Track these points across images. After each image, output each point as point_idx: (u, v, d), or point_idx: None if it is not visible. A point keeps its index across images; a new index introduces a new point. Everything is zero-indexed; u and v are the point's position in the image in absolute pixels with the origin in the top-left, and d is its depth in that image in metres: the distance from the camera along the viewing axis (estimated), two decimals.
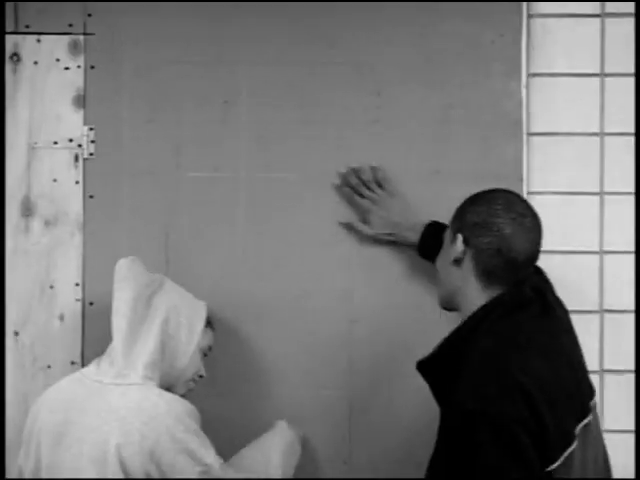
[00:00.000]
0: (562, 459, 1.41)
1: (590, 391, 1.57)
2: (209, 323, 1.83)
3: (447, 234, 1.65)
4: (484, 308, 1.52)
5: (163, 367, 1.68)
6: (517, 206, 1.55)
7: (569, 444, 1.43)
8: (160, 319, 1.69)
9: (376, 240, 2.02)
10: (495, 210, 1.53)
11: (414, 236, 1.92)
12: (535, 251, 1.57)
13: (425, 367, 1.58)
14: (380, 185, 2.00)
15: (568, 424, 1.45)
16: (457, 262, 1.57)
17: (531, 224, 1.55)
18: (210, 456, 1.62)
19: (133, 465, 1.55)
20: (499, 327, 1.49)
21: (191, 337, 1.73)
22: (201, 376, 1.81)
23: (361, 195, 2.01)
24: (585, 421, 1.49)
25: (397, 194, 2.00)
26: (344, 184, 2.02)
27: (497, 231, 1.51)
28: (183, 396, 1.71)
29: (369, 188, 2.00)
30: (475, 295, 1.54)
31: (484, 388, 1.40)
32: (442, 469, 1.45)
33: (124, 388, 1.62)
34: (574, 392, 1.49)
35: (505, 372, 1.41)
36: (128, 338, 1.66)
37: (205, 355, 1.82)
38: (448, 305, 1.65)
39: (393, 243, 2.02)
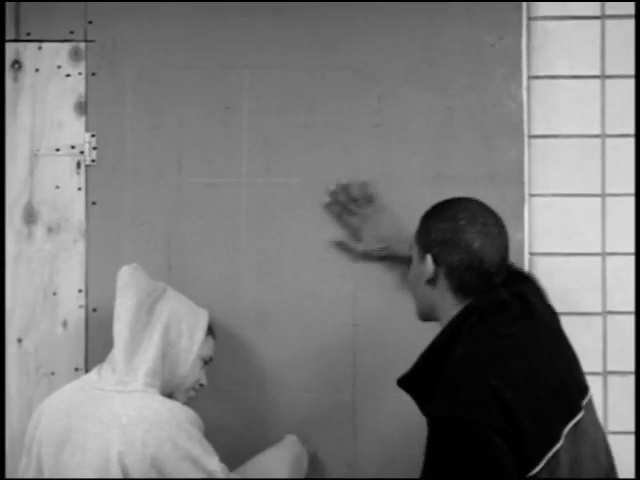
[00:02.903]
0: (544, 462, 1.39)
1: (582, 389, 1.55)
2: (210, 331, 1.83)
3: (413, 250, 1.63)
4: (459, 316, 1.52)
5: (164, 375, 1.68)
6: (480, 216, 1.54)
7: (552, 446, 1.41)
8: (161, 326, 1.69)
9: (368, 256, 2.01)
10: (460, 225, 1.52)
11: (405, 249, 1.85)
12: (504, 256, 1.56)
13: (406, 383, 1.57)
14: (370, 201, 1.99)
15: (552, 426, 1.43)
16: (431, 282, 1.56)
17: (496, 231, 1.54)
18: (214, 463, 1.61)
19: (135, 472, 1.55)
20: (475, 333, 1.49)
21: (192, 345, 1.73)
22: (202, 385, 1.81)
23: (351, 212, 2.00)
24: (575, 420, 1.47)
25: (386, 209, 1.98)
26: (333, 202, 2.01)
27: (465, 247, 1.50)
28: (186, 404, 1.71)
29: (359, 205, 1.99)
30: (454, 308, 1.54)
31: (457, 395, 1.39)
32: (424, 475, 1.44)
33: (126, 395, 1.62)
34: (560, 392, 1.47)
35: (479, 377, 1.40)
36: (129, 345, 1.66)
37: (206, 363, 1.82)
38: (427, 318, 1.63)
39: (386, 258, 2.00)
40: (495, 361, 1.44)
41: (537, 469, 1.39)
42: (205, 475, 1.59)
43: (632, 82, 2.07)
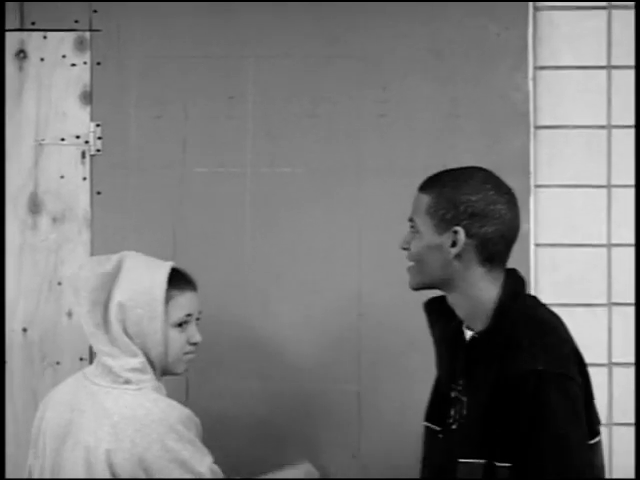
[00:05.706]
0: (599, 438, 1.44)
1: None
2: (185, 286, 1.69)
3: (421, 222, 1.52)
4: (516, 283, 1.51)
5: (148, 362, 1.65)
6: (502, 186, 1.49)
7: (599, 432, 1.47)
8: (117, 322, 1.62)
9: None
10: (489, 196, 1.46)
11: None
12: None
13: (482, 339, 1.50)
14: None
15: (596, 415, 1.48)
16: (458, 256, 1.48)
17: (515, 199, 1.50)
18: (203, 465, 1.58)
19: (123, 472, 1.53)
20: (542, 309, 1.52)
21: (154, 325, 1.63)
22: (196, 343, 1.69)
23: None
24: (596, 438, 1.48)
25: None
26: None
27: (499, 217, 1.45)
28: (172, 393, 1.65)
29: None
30: (479, 279, 1.49)
31: (551, 351, 1.41)
32: (482, 441, 1.41)
33: (120, 392, 1.60)
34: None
35: (564, 339, 1.46)
36: (104, 349, 1.63)
37: (197, 320, 1.70)
38: (426, 287, 1.57)
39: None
40: (567, 330, 1.49)
41: (597, 439, 1.43)
42: (192, 476, 1.56)
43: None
